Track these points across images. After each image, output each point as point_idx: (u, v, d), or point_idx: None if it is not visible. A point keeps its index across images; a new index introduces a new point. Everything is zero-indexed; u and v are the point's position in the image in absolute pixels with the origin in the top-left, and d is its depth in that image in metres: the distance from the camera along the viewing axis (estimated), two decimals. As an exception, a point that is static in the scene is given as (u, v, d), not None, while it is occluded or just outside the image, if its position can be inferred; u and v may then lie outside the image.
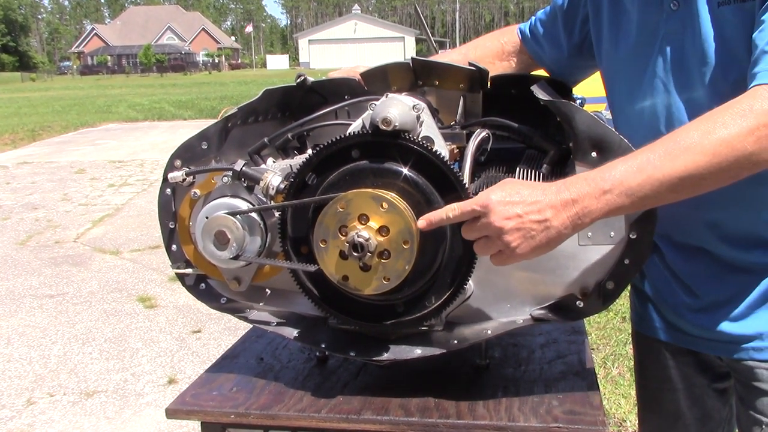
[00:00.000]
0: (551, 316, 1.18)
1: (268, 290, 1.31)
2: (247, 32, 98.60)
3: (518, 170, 1.21)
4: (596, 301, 1.16)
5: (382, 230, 1.05)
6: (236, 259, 1.21)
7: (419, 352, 1.21)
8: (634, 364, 1.54)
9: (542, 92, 1.25)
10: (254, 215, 1.21)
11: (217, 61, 76.45)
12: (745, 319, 1.20)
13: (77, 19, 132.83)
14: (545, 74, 1.48)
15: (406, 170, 1.09)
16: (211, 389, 1.27)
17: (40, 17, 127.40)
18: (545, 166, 1.22)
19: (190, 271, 1.30)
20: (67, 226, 6.97)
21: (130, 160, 11.39)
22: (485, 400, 1.18)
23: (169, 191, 1.28)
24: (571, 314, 1.18)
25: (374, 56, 61.19)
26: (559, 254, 1.15)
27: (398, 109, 1.08)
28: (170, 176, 1.25)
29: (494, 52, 1.50)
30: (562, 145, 1.24)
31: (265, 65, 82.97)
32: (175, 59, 72.23)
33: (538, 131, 1.27)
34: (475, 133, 1.24)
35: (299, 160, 1.21)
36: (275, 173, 1.19)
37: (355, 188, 1.07)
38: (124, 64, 73.30)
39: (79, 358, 3.84)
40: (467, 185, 1.11)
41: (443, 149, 1.15)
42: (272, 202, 1.19)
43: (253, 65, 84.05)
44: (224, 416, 1.20)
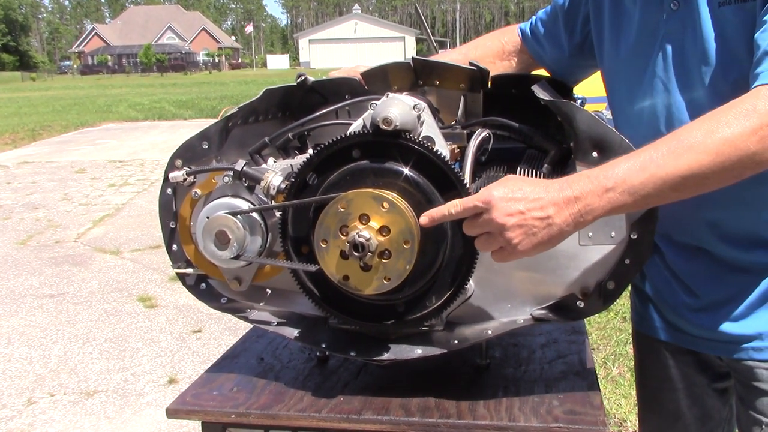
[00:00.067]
0: (552, 316, 1.18)
1: (268, 290, 1.31)
2: (247, 32, 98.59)
3: (519, 170, 1.21)
4: (597, 301, 1.16)
5: (382, 230, 1.05)
6: (237, 259, 1.21)
7: (420, 352, 1.21)
8: (634, 363, 1.54)
9: (543, 92, 1.25)
10: (255, 215, 1.21)
11: (217, 60, 76.45)
12: (745, 319, 1.20)
13: (77, 18, 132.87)
14: (546, 74, 1.48)
15: (406, 170, 1.09)
16: (211, 389, 1.27)
17: (40, 17, 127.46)
18: (546, 165, 1.22)
19: (190, 270, 1.30)
20: (67, 225, 6.97)
21: (130, 159, 11.39)
22: (486, 400, 1.18)
23: (169, 191, 1.28)
24: (571, 314, 1.18)
25: (374, 56, 61.18)
26: (559, 254, 1.15)
27: (399, 108, 1.08)
28: (171, 176, 1.25)
29: (495, 51, 1.50)
30: (562, 144, 1.24)
31: (265, 65, 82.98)
32: (175, 59, 72.23)
33: (538, 131, 1.27)
34: (475, 132, 1.24)
35: (300, 159, 1.21)
36: (276, 173, 1.19)
37: (355, 188, 1.07)
38: (124, 63, 73.31)
39: (79, 357, 3.84)
40: (468, 185, 1.10)
41: (444, 149, 1.15)
42: (273, 201, 1.19)
43: (253, 65, 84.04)
44: (225, 416, 1.20)
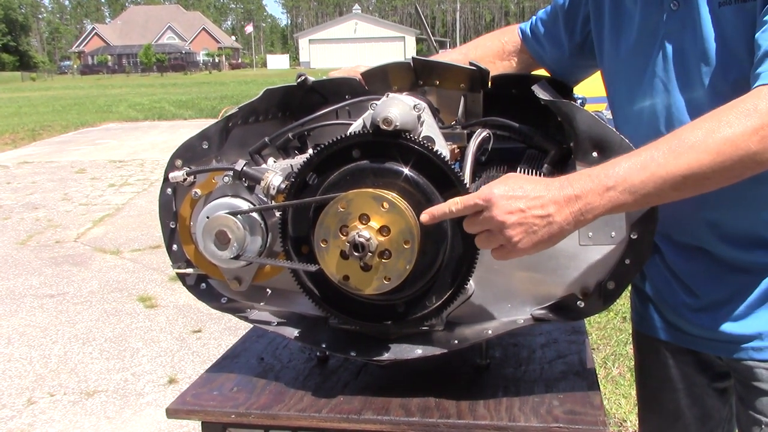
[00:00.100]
0: (552, 316, 1.18)
1: (268, 290, 1.31)
2: (247, 32, 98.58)
3: (519, 170, 1.21)
4: (597, 301, 1.16)
5: (382, 230, 1.05)
6: (237, 258, 1.21)
7: (420, 352, 1.21)
8: (634, 363, 1.54)
9: (543, 92, 1.25)
10: (255, 215, 1.21)
11: (217, 60, 76.45)
12: (744, 318, 1.20)
13: (77, 18, 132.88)
14: (546, 74, 1.48)
15: (407, 170, 1.09)
16: (211, 389, 1.27)
17: (40, 17, 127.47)
18: (546, 165, 1.22)
19: (190, 270, 1.30)
20: (67, 225, 6.97)
21: (130, 159, 11.39)
22: (486, 399, 1.18)
23: (170, 191, 1.28)
24: (571, 314, 1.18)
25: (374, 56, 61.20)
26: (560, 254, 1.15)
27: (399, 108, 1.08)
28: (171, 176, 1.25)
29: (495, 51, 1.50)
30: (562, 144, 1.24)
31: (265, 65, 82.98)
32: (175, 59, 72.23)
33: (538, 131, 1.27)
34: (475, 132, 1.24)
35: (300, 159, 1.21)
36: (276, 173, 1.19)
37: (355, 188, 1.07)
38: (124, 63, 73.31)
39: (79, 357, 3.84)
40: (468, 185, 1.10)
41: (444, 149, 1.15)
42: (273, 201, 1.19)
43: (253, 65, 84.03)
44: (225, 416, 1.20)
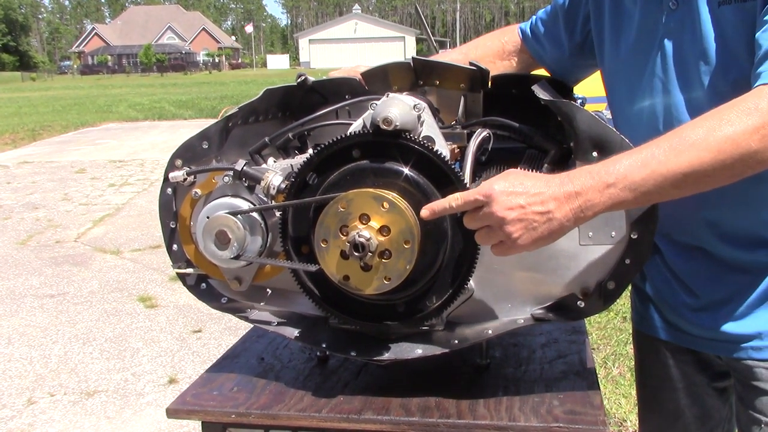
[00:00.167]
0: (552, 315, 1.18)
1: (268, 290, 1.31)
2: (247, 32, 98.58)
3: (520, 170, 1.20)
4: (597, 301, 1.16)
5: (383, 230, 1.05)
6: (237, 258, 1.21)
7: (420, 351, 1.21)
8: (634, 363, 1.54)
9: (543, 92, 1.25)
10: (255, 215, 1.21)
11: (217, 60, 76.44)
12: (744, 318, 1.20)
13: (77, 18, 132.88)
14: (546, 74, 1.48)
15: (407, 170, 1.09)
16: (211, 389, 1.27)
17: (40, 17, 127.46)
18: (546, 165, 1.22)
19: (191, 270, 1.30)
20: (67, 225, 6.97)
21: (130, 159, 11.39)
22: (486, 399, 1.18)
23: (170, 191, 1.28)
24: (571, 314, 1.19)
25: (375, 56, 61.22)
26: (560, 254, 1.15)
27: (399, 108, 1.08)
28: (171, 176, 1.25)
29: (495, 51, 1.50)
30: (562, 144, 1.24)
31: (265, 65, 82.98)
32: (175, 59, 72.23)
33: (538, 131, 1.27)
34: (476, 132, 1.24)
35: (300, 159, 1.21)
36: (276, 173, 1.19)
37: (356, 188, 1.07)
38: (124, 63, 73.31)
39: (79, 357, 3.84)
40: (468, 185, 1.10)
41: (444, 149, 1.15)
42: (273, 201, 1.19)
43: (253, 65, 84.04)
44: (225, 416, 1.20)
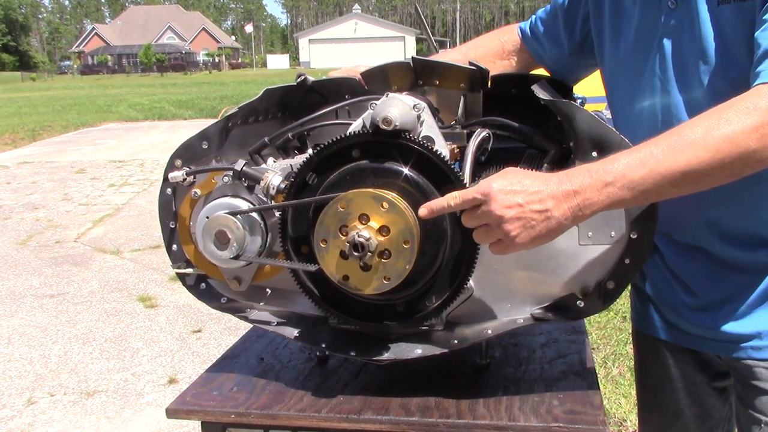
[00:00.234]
0: (552, 315, 1.18)
1: (268, 290, 1.31)
2: (247, 32, 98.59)
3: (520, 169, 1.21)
4: (597, 300, 1.16)
5: (382, 230, 1.05)
6: (237, 258, 1.21)
7: (420, 351, 1.21)
8: (634, 363, 1.54)
9: (543, 92, 1.25)
10: (255, 215, 1.21)
11: (217, 60, 76.45)
12: (744, 318, 1.20)
13: (77, 18, 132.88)
14: (546, 73, 1.47)
15: (406, 170, 1.09)
16: (211, 389, 1.27)
17: (40, 17, 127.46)
18: (546, 165, 1.22)
19: (190, 270, 1.30)
20: (67, 225, 6.97)
21: (130, 159, 11.39)
22: (485, 399, 1.18)
23: (169, 191, 1.28)
24: (571, 314, 1.18)
25: (374, 56, 61.21)
26: (559, 254, 1.15)
27: (399, 108, 1.08)
28: (171, 176, 1.25)
29: (495, 51, 1.50)
30: (562, 144, 1.24)
31: (265, 65, 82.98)
32: (175, 59, 72.23)
33: (538, 131, 1.27)
34: (475, 132, 1.24)
35: (300, 159, 1.21)
36: (276, 173, 1.19)
37: (355, 188, 1.07)
38: (124, 63, 73.30)
39: (79, 357, 3.84)
40: (468, 185, 1.10)
41: (444, 149, 1.15)
42: (273, 201, 1.19)
43: (253, 65, 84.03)
44: (225, 416, 1.20)
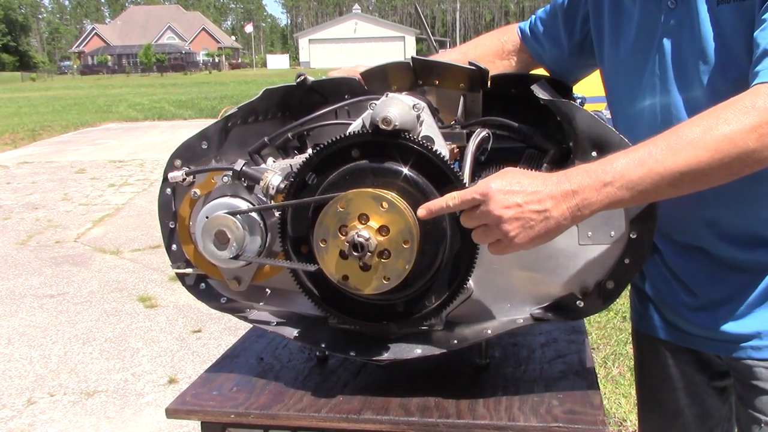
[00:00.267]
0: (551, 315, 1.18)
1: (268, 290, 1.31)
2: (247, 32, 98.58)
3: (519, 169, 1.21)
4: (596, 300, 1.16)
5: (382, 230, 1.05)
6: (236, 258, 1.21)
7: (419, 351, 1.21)
8: (634, 362, 1.54)
9: (542, 91, 1.25)
10: (254, 215, 1.21)
11: (217, 60, 76.44)
12: (743, 318, 1.20)
13: (77, 18, 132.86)
14: (545, 73, 1.47)
15: (406, 170, 1.09)
16: (211, 389, 1.27)
17: (40, 17, 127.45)
18: (545, 165, 1.22)
19: (190, 270, 1.30)
20: (67, 225, 6.97)
21: (130, 159, 11.39)
22: (485, 399, 1.18)
23: (169, 191, 1.28)
24: (571, 314, 1.18)
25: (374, 56, 61.21)
26: (559, 254, 1.15)
27: (398, 108, 1.08)
28: (170, 176, 1.25)
29: (494, 51, 1.50)
30: (562, 144, 1.24)
31: (265, 65, 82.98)
32: (175, 59, 72.23)
33: (538, 130, 1.27)
34: (475, 132, 1.24)
35: (299, 159, 1.21)
36: (275, 173, 1.19)
37: (355, 188, 1.07)
38: (124, 63, 73.29)
39: (79, 357, 3.84)
40: (467, 185, 1.10)
41: (443, 149, 1.15)
42: (272, 201, 1.19)
43: (253, 65, 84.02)
44: (224, 416, 1.20)
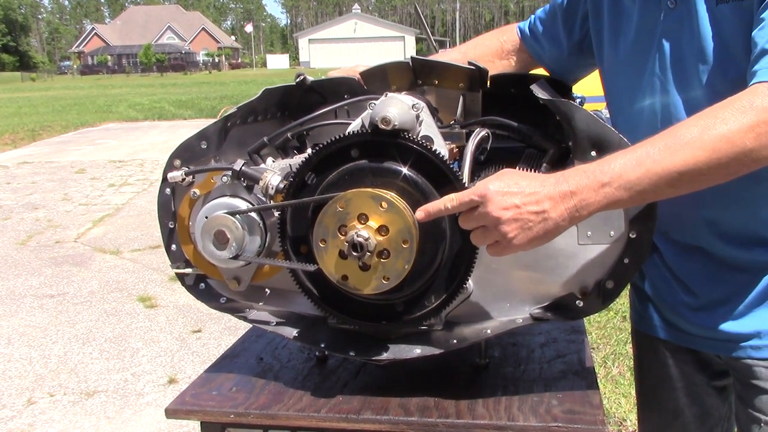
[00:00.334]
0: (551, 315, 1.18)
1: (267, 290, 1.31)
2: (247, 32, 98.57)
3: (518, 169, 1.20)
4: (596, 300, 1.16)
5: (381, 230, 1.05)
6: (236, 258, 1.21)
7: (419, 351, 1.21)
8: (633, 362, 1.54)
9: (542, 91, 1.25)
10: (254, 215, 1.21)
11: (217, 60, 76.44)
12: (743, 317, 1.20)
13: (77, 18, 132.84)
14: (545, 73, 1.47)
15: (405, 170, 1.08)
16: (210, 389, 1.27)
17: (40, 17, 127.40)
18: (545, 165, 1.22)
19: (189, 270, 1.30)
20: (67, 225, 6.97)
21: (130, 159, 11.38)
22: (485, 399, 1.18)
23: (168, 191, 1.28)
24: (570, 313, 1.18)
25: (374, 56, 61.20)
26: (558, 253, 1.15)
27: (397, 108, 1.08)
28: (170, 176, 1.25)
29: (494, 50, 1.50)
30: (561, 144, 1.24)
31: (265, 65, 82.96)
32: (175, 59, 72.23)
33: (537, 130, 1.27)
34: (474, 132, 1.24)
35: (299, 159, 1.21)
36: (275, 173, 1.19)
37: (354, 188, 1.07)
38: (124, 63, 73.27)
39: (79, 357, 3.84)
40: (467, 184, 1.10)
41: (443, 148, 1.14)
42: (272, 201, 1.19)
43: (253, 65, 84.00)
44: (224, 416, 1.20)
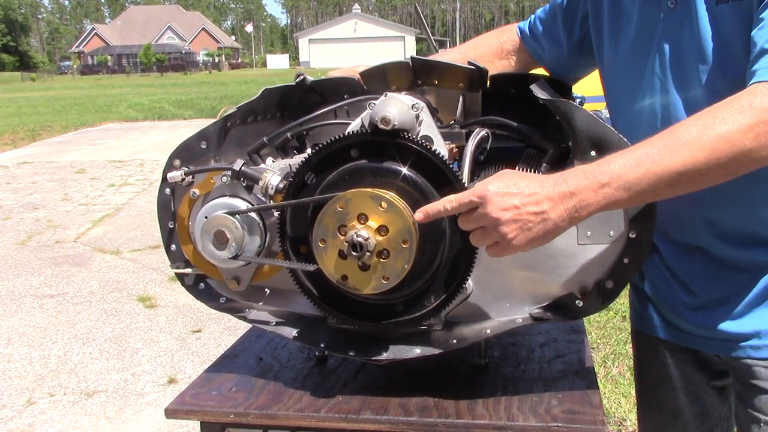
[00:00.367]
0: (550, 315, 1.18)
1: (267, 290, 1.31)
2: (247, 32, 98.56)
3: (517, 169, 1.21)
4: (595, 300, 1.16)
5: (381, 230, 1.05)
6: (235, 258, 1.21)
7: (418, 351, 1.21)
8: (633, 362, 1.54)
9: (541, 91, 1.25)
10: (253, 215, 1.21)
11: (217, 60, 76.45)
12: (743, 317, 1.20)
13: (77, 18, 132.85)
14: (545, 73, 1.47)
15: (405, 169, 1.08)
16: (210, 389, 1.27)
17: (40, 17, 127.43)
18: (544, 165, 1.22)
19: (189, 270, 1.30)
20: (67, 225, 6.97)
21: (130, 159, 11.38)
22: (484, 399, 1.18)
23: (168, 191, 1.28)
24: (570, 313, 1.18)
25: (374, 55, 61.20)
26: (558, 253, 1.15)
27: (397, 108, 1.08)
28: (169, 176, 1.25)
29: (494, 50, 1.50)
30: (561, 144, 1.24)
31: (265, 65, 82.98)
32: (175, 59, 72.23)
33: (537, 130, 1.27)
34: (474, 132, 1.24)
35: (298, 159, 1.21)
36: (274, 173, 1.19)
37: (354, 188, 1.07)
38: (124, 63, 73.28)
39: (79, 357, 3.84)
40: (466, 184, 1.10)
41: (442, 148, 1.14)
42: (271, 201, 1.19)
43: (253, 65, 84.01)
44: (224, 416, 1.20)
